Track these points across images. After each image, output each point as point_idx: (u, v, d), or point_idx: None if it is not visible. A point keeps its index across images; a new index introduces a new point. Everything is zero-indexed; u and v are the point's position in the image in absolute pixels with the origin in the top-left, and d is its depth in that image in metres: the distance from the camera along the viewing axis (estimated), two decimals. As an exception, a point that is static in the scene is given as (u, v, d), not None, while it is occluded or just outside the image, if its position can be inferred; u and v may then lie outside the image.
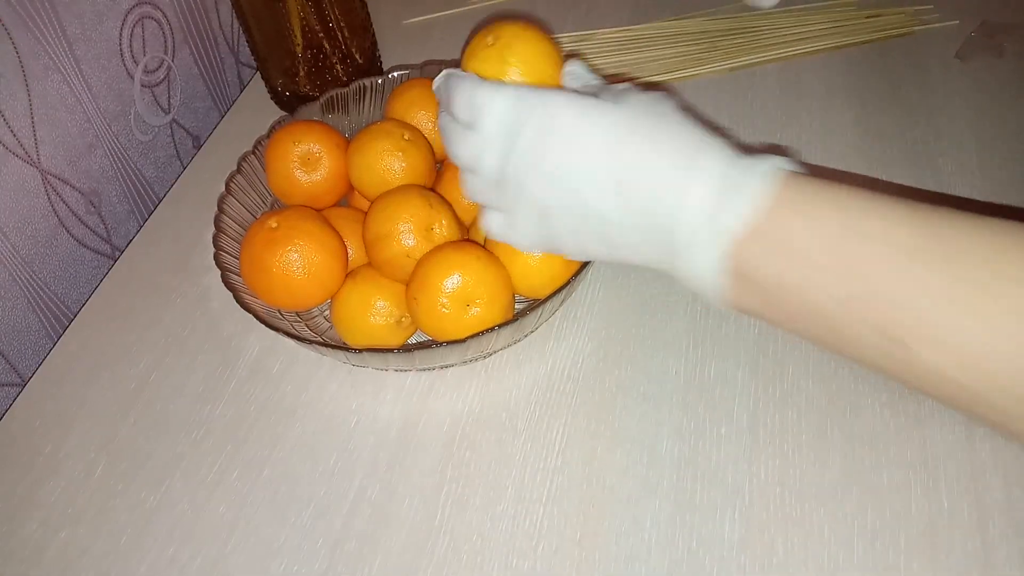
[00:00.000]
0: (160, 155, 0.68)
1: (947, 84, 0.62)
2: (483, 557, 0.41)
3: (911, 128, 0.59)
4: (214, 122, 0.73)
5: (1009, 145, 0.57)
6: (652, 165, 0.36)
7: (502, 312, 0.45)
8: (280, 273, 0.45)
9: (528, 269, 0.46)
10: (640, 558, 0.40)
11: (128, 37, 0.62)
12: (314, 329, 0.49)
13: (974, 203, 0.53)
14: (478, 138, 0.39)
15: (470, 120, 0.40)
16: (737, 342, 0.48)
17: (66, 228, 0.59)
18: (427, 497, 0.43)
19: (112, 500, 0.45)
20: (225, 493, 0.45)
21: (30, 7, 0.52)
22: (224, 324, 0.53)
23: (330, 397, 0.48)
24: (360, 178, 0.50)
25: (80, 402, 0.50)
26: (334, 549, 0.42)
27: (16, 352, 0.56)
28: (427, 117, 0.53)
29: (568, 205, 0.38)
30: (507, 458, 0.44)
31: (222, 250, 0.48)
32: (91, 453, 0.47)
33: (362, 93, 0.57)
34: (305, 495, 0.44)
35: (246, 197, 0.53)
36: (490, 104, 0.38)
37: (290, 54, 0.62)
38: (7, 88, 0.52)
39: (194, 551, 0.42)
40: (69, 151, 0.58)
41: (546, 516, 0.42)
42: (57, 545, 0.43)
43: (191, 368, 0.51)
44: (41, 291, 0.57)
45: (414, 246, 0.46)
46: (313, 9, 0.59)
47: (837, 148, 0.59)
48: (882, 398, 0.45)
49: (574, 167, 0.37)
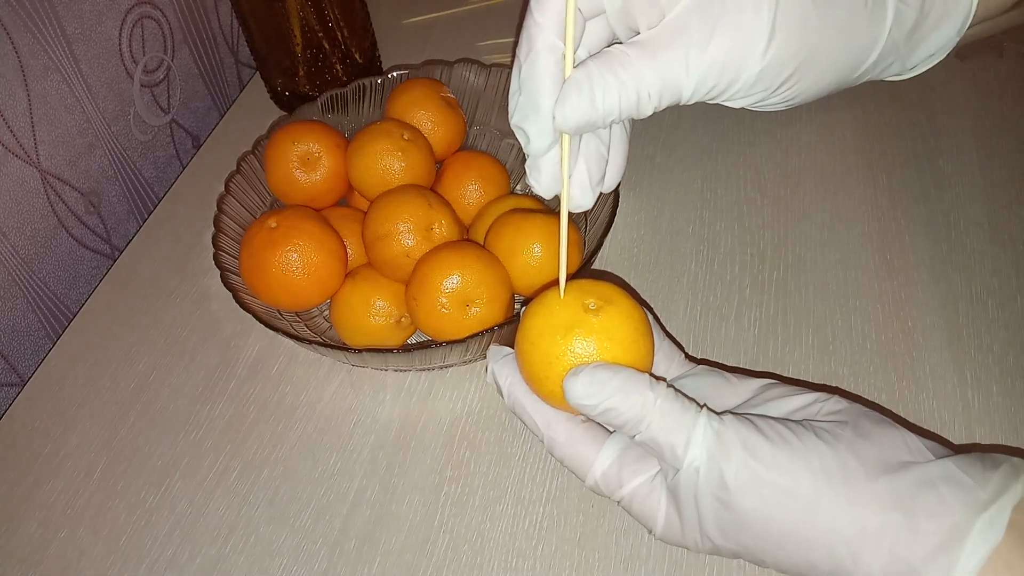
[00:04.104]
0: (160, 155, 0.68)
1: (947, 84, 0.62)
2: (483, 557, 0.41)
3: (911, 128, 0.59)
4: (214, 122, 0.73)
5: (1009, 145, 0.57)
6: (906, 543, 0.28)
7: (502, 312, 0.45)
8: (280, 273, 0.45)
9: (528, 269, 0.46)
10: (640, 558, 0.40)
11: (128, 37, 0.62)
12: (314, 329, 0.49)
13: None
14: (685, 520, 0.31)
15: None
16: (737, 342, 0.48)
17: (65, 228, 0.59)
18: (427, 497, 0.43)
19: (112, 500, 0.45)
20: (225, 493, 0.45)
21: (30, 7, 0.52)
22: (224, 324, 0.53)
23: (330, 397, 0.48)
24: (360, 178, 0.50)
25: (80, 402, 0.50)
26: (334, 549, 0.42)
27: (16, 352, 0.56)
28: (427, 117, 0.53)
29: (790, 564, 0.30)
30: (507, 458, 0.44)
31: (221, 250, 0.48)
32: (91, 453, 0.47)
33: (362, 93, 0.57)
34: (305, 495, 0.44)
35: (246, 197, 0.53)
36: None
37: (290, 54, 0.62)
38: (7, 88, 0.52)
39: (194, 551, 0.42)
40: (69, 151, 0.58)
41: (546, 516, 0.42)
42: (57, 545, 0.43)
43: (191, 368, 0.51)
44: (41, 291, 0.57)
45: (413, 246, 0.46)
46: (313, 9, 0.59)
47: (837, 148, 0.59)
48: (883, 398, 0.45)
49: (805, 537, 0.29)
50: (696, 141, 0.61)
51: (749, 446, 0.29)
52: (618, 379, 0.30)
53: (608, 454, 0.33)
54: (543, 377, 0.32)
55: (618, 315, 0.32)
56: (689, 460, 0.30)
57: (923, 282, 0.50)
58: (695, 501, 0.30)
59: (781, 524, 0.29)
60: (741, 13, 0.27)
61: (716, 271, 0.52)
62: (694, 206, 0.56)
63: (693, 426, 0.30)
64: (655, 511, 0.32)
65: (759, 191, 0.57)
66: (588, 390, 0.30)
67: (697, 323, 0.49)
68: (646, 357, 0.33)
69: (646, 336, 0.33)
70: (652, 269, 0.53)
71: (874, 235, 0.53)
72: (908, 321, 0.48)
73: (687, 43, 0.28)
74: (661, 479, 0.32)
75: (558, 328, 0.32)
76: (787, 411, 0.32)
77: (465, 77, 0.58)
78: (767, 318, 0.49)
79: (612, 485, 0.33)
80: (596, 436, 0.33)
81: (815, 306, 0.50)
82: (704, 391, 0.34)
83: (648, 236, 0.55)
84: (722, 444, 0.29)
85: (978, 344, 0.47)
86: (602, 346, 0.31)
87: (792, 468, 0.29)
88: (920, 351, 0.47)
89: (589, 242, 0.49)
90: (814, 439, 0.30)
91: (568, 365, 0.31)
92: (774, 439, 0.30)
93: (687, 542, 0.32)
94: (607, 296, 0.33)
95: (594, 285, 0.33)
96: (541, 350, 0.32)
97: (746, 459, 0.29)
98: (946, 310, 0.49)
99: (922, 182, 0.56)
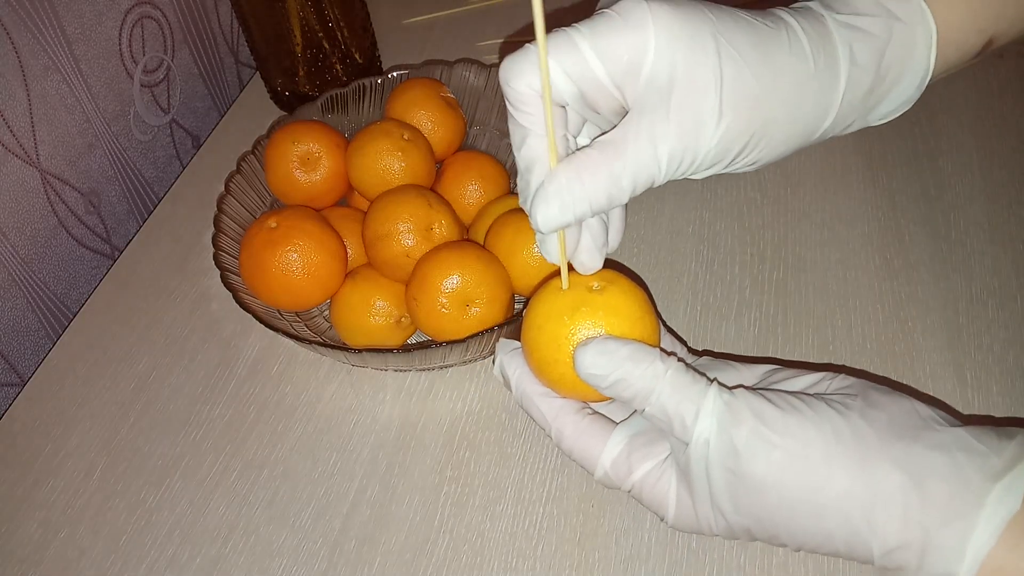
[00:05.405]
0: (159, 155, 0.68)
1: (947, 84, 0.62)
2: (483, 557, 0.41)
3: (911, 128, 0.59)
4: (214, 122, 0.73)
5: (1009, 145, 0.57)
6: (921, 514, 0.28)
7: (502, 312, 0.45)
8: (279, 273, 0.45)
9: (528, 269, 0.46)
10: (640, 558, 0.40)
11: (127, 37, 0.62)
12: (314, 329, 0.49)
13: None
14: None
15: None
16: (737, 342, 0.48)
17: (65, 228, 0.59)
18: (427, 497, 0.43)
19: (112, 500, 0.45)
20: (225, 493, 0.45)
21: (30, 7, 0.52)
22: (223, 324, 0.53)
23: (330, 397, 0.48)
24: (360, 178, 0.50)
25: (80, 402, 0.50)
26: (334, 549, 0.42)
27: (16, 352, 0.56)
28: (427, 117, 0.53)
29: (805, 536, 0.30)
30: (507, 458, 0.44)
31: (221, 250, 0.48)
32: (91, 453, 0.47)
33: (362, 93, 0.57)
34: (305, 495, 0.44)
35: (245, 197, 0.53)
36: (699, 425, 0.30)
37: (290, 54, 0.62)
38: (7, 88, 0.52)
39: (194, 551, 0.42)
40: (68, 151, 0.58)
41: (546, 516, 0.42)
42: (57, 545, 0.43)
43: (191, 368, 0.51)
44: (40, 291, 0.57)
45: (413, 246, 0.46)
46: (313, 9, 0.59)
47: (837, 148, 0.59)
48: (882, 398, 0.45)
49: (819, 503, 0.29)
50: (696, 141, 0.61)
51: (760, 414, 0.29)
52: (627, 349, 0.30)
53: (617, 442, 0.33)
54: (553, 360, 0.32)
55: (622, 293, 0.32)
56: (699, 431, 0.30)
57: (923, 282, 0.50)
58: (706, 474, 0.30)
59: (793, 490, 0.28)
60: (693, 97, 0.29)
61: (716, 271, 0.52)
62: (694, 206, 0.56)
63: (703, 396, 0.30)
64: (666, 495, 0.32)
65: (759, 191, 0.57)
66: (598, 360, 0.30)
67: (697, 323, 0.49)
68: (653, 333, 0.33)
69: (651, 313, 0.33)
70: (652, 269, 0.53)
71: (874, 235, 0.53)
72: (908, 321, 0.48)
73: (650, 137, 0.29)
74: (671, 463, 0.32)
75: (564, 309, 0.32)
76: (796, 389, 0.32)
77: (465, 77, 0.58)
78: (767, 318, 0.49)
79: (622, 473, 0.33)
80: (604, 427, 0.33)
81: (815, 306, 0.50)
82: (711, 375, 0.34)
83: (648, 236, 0.55)
84: (732, 413, 0.29)
85: (978, 344, 0.47)
86: (609, 322, 0.31)
87: (804, 434, 0.29)
88: (920, 351, 0.47)
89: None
90: (825, 407, 0.30)
91: (577, 345, 0.31)
92: (785, 408, 0.30)
93: (700, 524, 0.31)
94: (608, 277, 0.33)
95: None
96: (548, 332, 0.32)
97: (757, 426, 0.29)
98: (946, 310, 0.49)
99: (922, 182, 0.56)
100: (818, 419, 0.29)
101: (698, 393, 0.30)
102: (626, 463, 0.32)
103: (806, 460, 0.28)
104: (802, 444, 0.29)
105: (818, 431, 0.29)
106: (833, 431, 0.29)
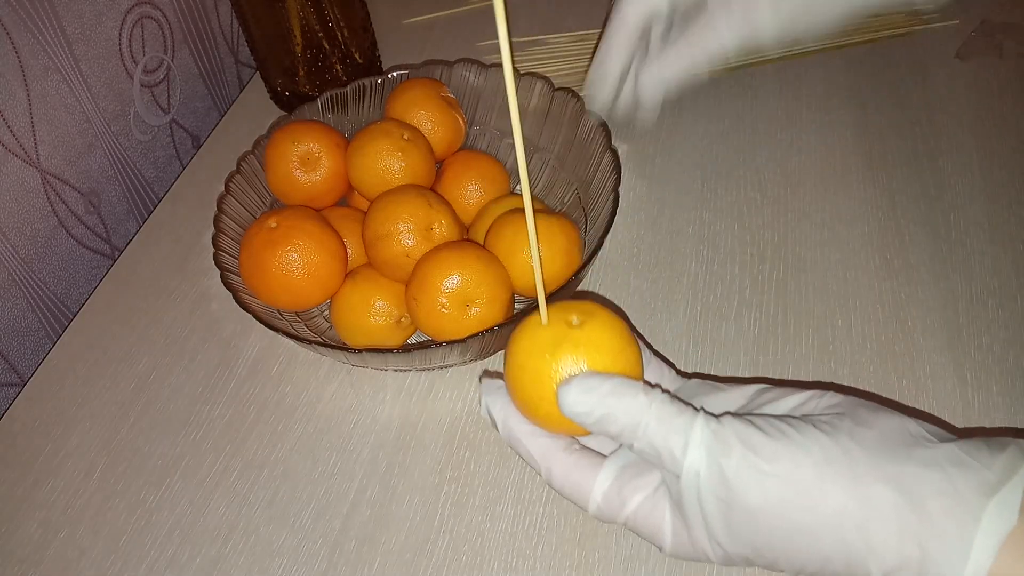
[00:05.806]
0: (159, 155, 0.68)
1: (947, 84, 0.62)
2: (483, 557, 0.41)
3: (911, 128, 0.59)
4: (214, 122, 0.73)
5: (1009, 145, 0.57)
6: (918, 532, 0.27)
7: (502, 312, 0.45)
8: (279, 273, 0.45)
9: (528, 269, 0.46)
10: (640, 558, 0.40)
11: (127, 37, 0.62)
12: (314, 329, 0.49)
13: None
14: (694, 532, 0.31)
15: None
16: (737, 342, 0.48)
17: (65, 228, 0.59)
18: (427, 497, 0.43)
19: (112, 500, 0.45)
20: (225, 493, 0.45)
21: (30, 7, 0.52)
22: (223, 324, 0.53)
23: (330, 397, 0.48)
24: (359, 178, 0.50)
25: (80, 402, 0.50)
26: (334, 549, 0.42)
27: (16, 352, 0.56)
28: (427, 117, 0.53)
29: (803, 561, 0.29)
30: (507, 458, 0.44)
31: (221, 250, 0.48)
32: (91, 453, 0.47)
33: (362, 93, 0.57)
34: (305, 495, 0.44)
35: (245, 197, 0.53)
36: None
37: (290, 54, 0.62)
38: (7, 88, 0.52)
39: (194, 551, 0.42)
40: (68, 151, 0.58)
41: (546, 516, 0.42)
42: (57, 545, 0.43)
43: (190, 368, 0.51)
44: (40, 291, 0.57)
45: (413, 246, 0.46)
46: (313, 9, 0.59)
47: (837, 148, 0.59)
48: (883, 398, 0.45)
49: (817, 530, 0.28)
50: (696, 142, 0.61)
51: (748, 442, 0.29)
52: (609, 384, 0.30)
53: (607, 475, 0.33)
54: (537, 398, 0.32)
55: (601, 326, 0.32)
56: (689, 463, 0.29)
57: (923, 282, 0.50)
58: (699, 506, 0.30)
59: (787, 517, 0.28)
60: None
61: (716, 271, 0.52)
62: (694, 206, 0.56)
63: (691, 428, 0.30)
64: (661, 525, 0.32)
65: (759, 191, 0.57)
66: (581, 397, 0.30)
67: (697, 323, 0.49)
68: (636, 365, 0.33)
69: (633, 344, 0.33)
70: (652, 269, 0.53)
71: (874, 235, 0.53)
72: (908, 321, 0.48)
73: None
74: (664, 492, 0.32)
75: (545, 347, 0.32)
76: (784, 411, 0.32)
77: (465, 77, 0.58)
78: (767, 318, 0.49)
79: (614, 506, 0.32)
80: (593, 462, 0.33)
81: (815, 306, 0.50)
82: (698, 401, 0.33)
83: (648, 236, 0.55)
84: (721, 443, 0.29)
85: (978, 344, 0.47)
86: (591, 357, 0.31)
87: (793, 459, 0.29)
88: (920, 351, 0.47)
89: (589, 242, 0.49)
90: (813, 430, 0.29)
91: (560, 382, 0.31)
92: (773, 434, 0.29)
93: (698, 553, 0.31)
94: (587, 310, 0.33)
95: (572, 304, 0.33)
96: (530, 371, 0.32)
97: (746, 455, 0.29)
98: (946, 310, 0.49)
99: (922, 182, 0.56)
100: (807, 443, 0.29)
101: (685, 424, 0.30)
102: (618, 496, 0.32)
103: (797, 485, 0.28)
104: (792, 469, 0.28)
105: (807, 455, 0.29)
106: (823, 454, 0.29)
